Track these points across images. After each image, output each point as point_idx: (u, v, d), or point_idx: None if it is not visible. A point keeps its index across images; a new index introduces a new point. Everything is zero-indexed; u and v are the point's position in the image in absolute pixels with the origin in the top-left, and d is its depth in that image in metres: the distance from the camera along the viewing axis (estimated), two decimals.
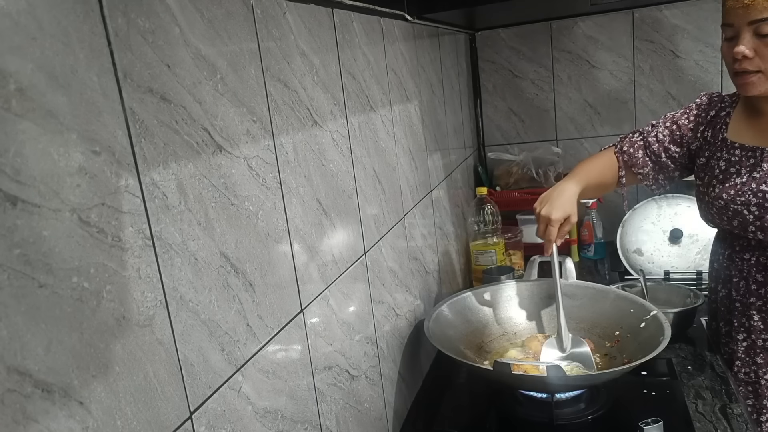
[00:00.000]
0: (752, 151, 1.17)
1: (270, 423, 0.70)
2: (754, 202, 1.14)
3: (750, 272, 1.21)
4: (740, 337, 1.24)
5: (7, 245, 0.39)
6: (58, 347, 0.42)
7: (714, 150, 1.24)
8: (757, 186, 1.14)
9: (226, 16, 0.65)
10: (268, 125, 0.73)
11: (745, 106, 1.22)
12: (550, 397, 1.08)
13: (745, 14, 1.05)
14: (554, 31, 2.08)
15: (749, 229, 1.17)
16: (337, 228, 0.92)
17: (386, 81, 1.19)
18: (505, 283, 1.42)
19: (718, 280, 1.30)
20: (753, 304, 1.21)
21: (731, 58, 1.10)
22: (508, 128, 2.21)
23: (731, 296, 1.26)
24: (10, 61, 0.40)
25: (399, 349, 1.20)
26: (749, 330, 1.22)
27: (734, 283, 1.25)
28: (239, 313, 0.65)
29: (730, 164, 1.20)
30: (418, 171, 1.39)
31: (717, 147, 1.23)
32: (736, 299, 1.24)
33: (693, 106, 1.32)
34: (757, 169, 1.16)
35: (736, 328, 1.25)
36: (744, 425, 1.05)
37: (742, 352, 1.24)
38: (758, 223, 1.15)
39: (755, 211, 1.15)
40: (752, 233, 1.17)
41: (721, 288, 1.29)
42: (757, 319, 1.21)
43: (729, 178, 1.19)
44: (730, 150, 1.21)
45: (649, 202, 1.92)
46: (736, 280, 1.24)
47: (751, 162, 1.17)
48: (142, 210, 0.51)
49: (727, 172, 1.20)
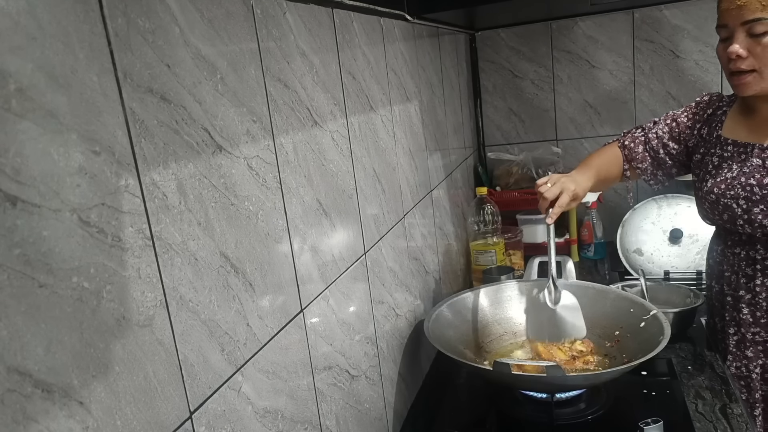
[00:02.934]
0: (743, 147, 1.20)
1: (270, 423, 0.70)
2: (743, 196, 1.17)
3: (740, 266, 1.24)
4: (731, 331, 1.27)
5: (7, 245, 0.39)
6: (58, 347, 0.42)
7: (709, 147, 1.27)
8: (746, 180, 1.17)
9: (226, 16, 0.65)
10: (268, 125, 0.73)
11: (741, 104, 1.25)
12: (550, 397, 1.08)
13: (738, 15, 1.08)
14: (554, 31, 2.08)
15: (737, 222, 1.19)
16: (337, 228, 0.92)
17: (386, 81, 1.19)
18: (505, 283, 1.42)
19: (713, 276, 1.33)
20: (742, 298, 1.24)
21: (726, 58, 1.13)
22: (508, 128, 2.21)
23: (723, 291, 1.28)
24: (10, 61, 0.40)
25: (399, 349, 1.20)
26: (739, 323, 1.25)
27: (726, 277, 1.27)
28: (239, 313, 0.65)
29: (722, 159, 1.23)
30: (418, 171, 1.39)
31: (712, 143, 1.26)
32: (727, 293, 1.27)
33: (693, 104, 1.34)
34: (746, 163, 1.19)
35: (727, 322, 1.28)
36: (744, 425, 1.05)
37: (733, 346, 1.27)
38: (746, 217, 1.18)
39: (743, 204, 1.17)
40: (740, 227, 1.19)
41: (715, 284, 1.32)
42: (746, 312, 1.23)
43: (720, 173, 1.22)
44: (723, 146, 1.23)
45: (649, 202, 1.92)
46: (727, 275, 1.27)
47: (742, 157, 1.20)
48: (142, 210, 0.51)
49: (719, 167, 1.23)
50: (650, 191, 2.09)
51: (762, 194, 1.15)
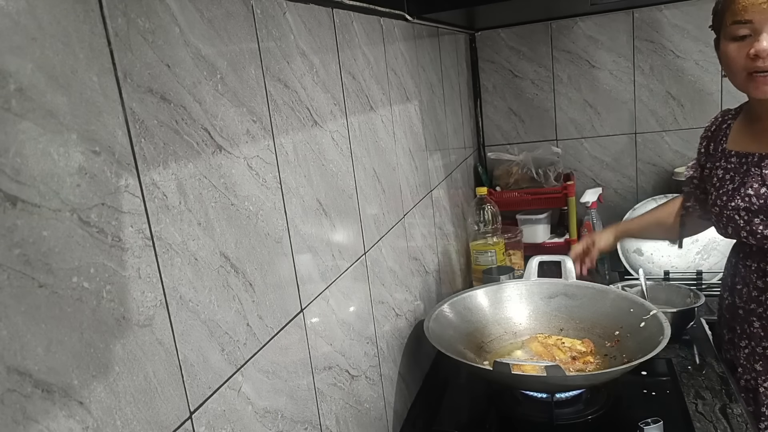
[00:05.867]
0: (745, 157, 1.18)
1: (270, 423, 0.70)
2: (742, 207, 1.15)
3: (751, 279, 1.21)
4: (742, 344, 1.24)
5: (7, 245, 0.39)
6: (58, 347, 0.42)
7: (714, 161, 1.25)
8: (744, 190, 1.15)
9: (226, 16, 0.65)
10: (268, 125, 0.73)
11: (746, 114, 1.22)
12: (550, 397, 1.08)
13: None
14: (554, 31, 2.08)
15: (741, 234, 1.17)
16: (337, 228, 0.92)
17: (386, 81, 1.19)
18: (505, 283, 1.42)
19: (726, 288, 1.31)
20: (754, 311, 1.21)
21: (744, 58, 1.06)
22: (508, 128, 2.21)
23: (735, 303, 1.25)
24: (10, 61, 0.40)
25: (399, 349, 1.20)
26: (750, 336, 1.22)
27: (738, 290, 1.24)
28: (239, 313, 0.65)
29: (726, 172, 1.21)
30: (418, 171, 1.39)
31: (717, 158, 1.24)
32: (739, 306, 1.24)
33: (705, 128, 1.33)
34: (747, 174, 1.16)
35: (738, 335, 1.25)
36: (744, 425, 1.05)
37: (743, 358, 1.24)
38: (748, 228, 1.15)
39: (744, 215, 1.15)
40: (745, 238, 1.17)
41: (728, 296, 1.29)
42: (758, 326, 1.21)
43: (723, 185, 1.20)
44: (727, 159, 1.22)
45: (649, 202, 1.92)
46: (739, 287, 1.24)
47: (744, 168, 1.17)
48: (142, 210, 0.51)
49: (722, 179, 1.21)
50: (650, 191, 2.09)
51: (759, 204, 1.12)
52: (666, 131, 2.07)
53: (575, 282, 1.37)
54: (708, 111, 1.99)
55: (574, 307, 1.33)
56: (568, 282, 1.36)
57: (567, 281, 1.37)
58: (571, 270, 1.38)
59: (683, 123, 2.03)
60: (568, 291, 1.36)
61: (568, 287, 1.36)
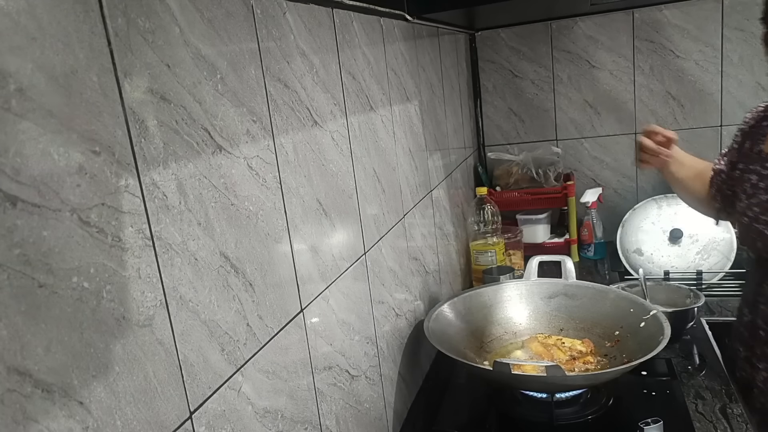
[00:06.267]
0: None
1: (270, 423, 0.70)
2: None
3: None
4: (761, 366, 1.14)
5: (7, 245, 0.39)
6: (58, 347, 0.42)
7: (748, 162, 1.13)
8: None
9: (226, 16, 0.65)
10: (268, 125, 0.73)
11: None
12: (550, 397, 1.08)
13: None
14: (554, 31, 2.08)
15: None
16: (337, 228, 0.92)
17: (386, 81, 1.19)
18: (505, 283, 1.42)
19: (746, 303, 1.20)
20: None
21: None
22: (508, 128, 2.21)
23: (756, 324, 1.15)
24: (10, 61, 0.40)
25: (399, 349, 1.20)
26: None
27: (761, 310, 1.13)
28: (239, 313, 0.65)
29: (761, 179, 1.08)
30: (418, 171, 1.39)
31: (752, 159, 1.12)
32: (760, 327, 1.14)
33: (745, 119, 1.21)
34: None
35: (758, 357, 1.15)
36: (744, 425, 1.05)
37: (761, 381, 1.14)
38: None
39: None
40: None
41: (748, 312, 1.18)
42: None
43: (757, 194, 1.08)
44: (763, 163, 1.09)
45: (649, 202, 1.92)
46: (762, 308, 1.13)
47: None
48: (142, 210, 0.51)
49: (756, 187, 1.09)
50: (650, 191, 2.09)
51: None
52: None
53: (575, 282, 1.37)
54: (708, 111, 2.00)
55: (574, 307, 1.33)
56: (568, 282, 1.37)
57: (567, 281, 1.37)
58: (571, 270, 1.38)
59: (683, 123, 2.03)
60: (568, 291, 1.36)
61: (568, 287, 1.36)
